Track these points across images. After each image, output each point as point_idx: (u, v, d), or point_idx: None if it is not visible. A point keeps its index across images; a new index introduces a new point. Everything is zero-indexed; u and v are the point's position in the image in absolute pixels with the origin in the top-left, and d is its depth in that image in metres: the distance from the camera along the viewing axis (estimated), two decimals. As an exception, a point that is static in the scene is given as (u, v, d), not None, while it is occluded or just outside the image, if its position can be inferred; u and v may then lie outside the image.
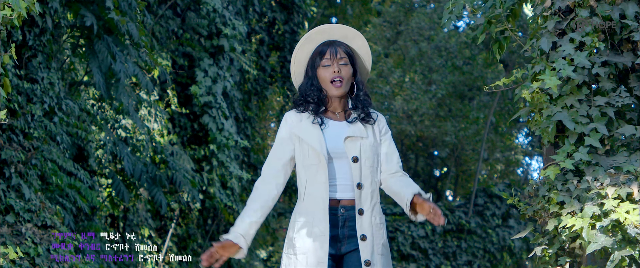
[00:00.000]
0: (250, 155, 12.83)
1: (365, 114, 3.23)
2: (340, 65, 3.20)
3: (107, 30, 7.57)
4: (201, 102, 10.26)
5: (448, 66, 16.45)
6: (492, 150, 18.19)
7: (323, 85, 3.22)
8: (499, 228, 15.08)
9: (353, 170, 3.14)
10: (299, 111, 3.24)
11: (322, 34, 3.27)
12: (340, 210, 3.14)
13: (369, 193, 3.15)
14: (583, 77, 3.86)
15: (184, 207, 10.51)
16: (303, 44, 3.27)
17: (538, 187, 4.06)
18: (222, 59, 10.69)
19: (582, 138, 3.89)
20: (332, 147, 3.15)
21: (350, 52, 3.25)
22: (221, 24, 10.53)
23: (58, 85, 7.15)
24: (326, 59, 3.21)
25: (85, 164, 8.24)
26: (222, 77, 10.56)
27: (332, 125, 3.21)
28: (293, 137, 3.20)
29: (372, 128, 3.23)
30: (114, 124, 8.97)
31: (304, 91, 3.24)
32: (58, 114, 7.12)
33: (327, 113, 3.26)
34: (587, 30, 3.89)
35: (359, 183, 3.14)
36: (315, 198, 3.12)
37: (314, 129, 3.18)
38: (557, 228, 3.85)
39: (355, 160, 3.14)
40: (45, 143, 6.91)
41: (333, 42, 3.25)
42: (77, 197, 7.16)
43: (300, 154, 3.18)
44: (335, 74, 3.18)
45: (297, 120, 3.22)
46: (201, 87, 10.27)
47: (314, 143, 3.14)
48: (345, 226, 3.14)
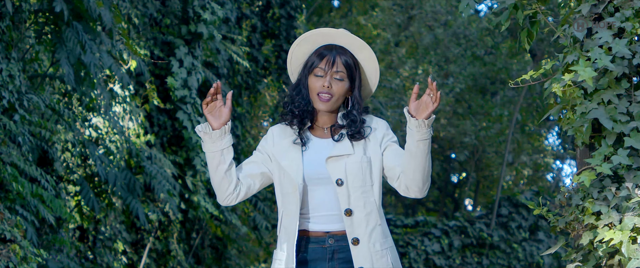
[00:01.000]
0: (241, 159, 12.84)
1: (355, 131, 3.16)
2: (334, 80, 3.15)
3: (76, 15, 7.56)
4: (177, 97, 10.24)
5: (467, 56, 16.45)
6: (518, 152, 18.20)
7: (311, 95, 3.18)
8: (525, 243, 15.09)
9: (339, 195, 3.10)
10: (285, 124, 3.22)
11: (323, 37, 3.22)
12: (327, 241, 3.12)
13: (362, 219, 3.10)
14: (622, 69, 3.85)
15: (164, 218, 10.51)
16: (300, 43, 3.23)
17: (570, 195, 4.04)
18: (197, 47, 10.65)
19: (621, 138, 3.88)
20: (313, 172, 3.12)
21: (351, 64, 3.19)
22: (199, 7, 10.48)
23: (19, 78, 7.14)
24: (320, 67, 3.16)
25: (50, 169, 8.24)
26: (195, 68, 10.52)
27: (315, 145, 3.18)
28: (272, 157, 3.20)
29: (364, 142, 3.18)
30: (83, 122, 8.96)
31: (291, 99, 3.21)
32: (19, 111, 7.10)
33: (314, 128, 3.23)
34: (627, 14, 3.88)
35: (347, 210, 3.10)
36: (287, 232, 3.13)
37: (293, 152, 3.15)
38: (592, 242, 3.84)
39: (339, 183, 3.10)
40: (4, 144, 6.90)
41: (334, 49, 3.20)
42: (41, 207, 7.15)
43: (278, 181, 3.18)
44: (325, 89, 3.14)
45: (279, 138, 3.20)
46: (177, 78, 10.24)
47: (290, 169, 3.12)
48: (335, 259, 3.12)
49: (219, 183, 3.14)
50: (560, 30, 4.18)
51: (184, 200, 10.74)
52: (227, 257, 12.50)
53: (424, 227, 15.14)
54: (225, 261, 12.46)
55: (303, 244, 3.13)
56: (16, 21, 7.29)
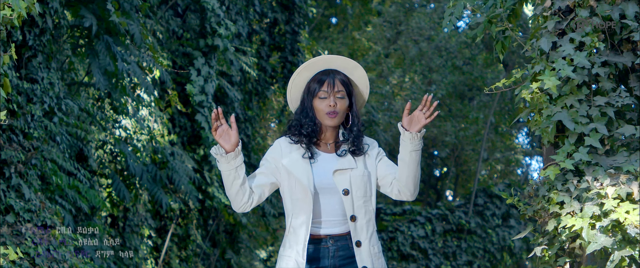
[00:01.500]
0: (251, 156, 12.82)
1: (356, 147, 3.21)
2: (337, 99, 3.18)
3: (107, 30, 7.56)
4: (196, 101, 10.25)
5: (448, 66, 16.44)
6: (492, 150, 18.19)
7: (318, 116, 3.20)
8: (499, 228, 15.07)
9: (345, 203, 3.13)
10: (292, 141, 3.22)
11: (322, 62, 3.24)
12: (328, 241, 3.14)
13: (364, 224, 3.15)
14: (583, 77, 3.85)
15: (184, 207, 10.50)
16: (300, 71, 3.25)
17: (538, 187, 4.04)
18: (213, 58, 10.66)
19: (582, 138, 3.88)
20: (321, 182, 3.14)
21: (347, 82, 3.23)
22: (215, 23, 10.50)
23: (58, 85, 7.14)
24: (323, 90, 3.18)
25: (85, 164, 8.23)
26: (211, 77, 10.53)
27: (322, 159, 3.20)
28: (280, 168, 3.18)
29: (363, 158, 3.22)
30: (114, 124, 8.97)
31: (299, 121, 3.22)
32: (58, 114, 7.11)
33: (319, 143, 3.25)
34: (587, 30, 3.88)
35: (352, 216, 3.14)
36: (297, 233, 3.13)
37: (303, 163, 3.16)
38: (557, 228, 3.84)
39: (346, 193, 3.13)
40: (45, 143, 6.90)
41: (331, 72, 3.22)
42: (77, 197, 7.15)
43: (288, 187, 3.17)
44: (332, 107, 3.17)
45: (287, 151, 3.20)
46: (195, 85, 10.26)
47: (302, 177, 3.12)
48: (336, 256, 3.15)
49: (234, 196, 3.13)
50: (529, 44, 4.18)
51: (202, 192, 10.73)
52: (239, 241, 12.50)
53: (411, 215, 15.13)
54: (238, 244, 12.45)
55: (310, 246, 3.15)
56: (55, 36, 7.29)
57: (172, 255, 10.28)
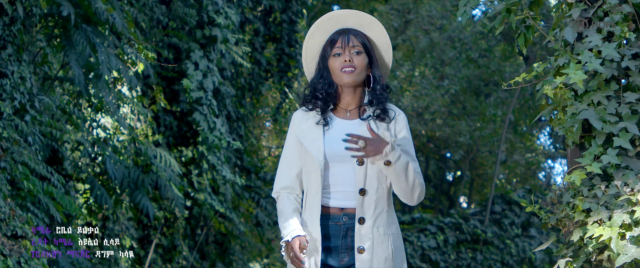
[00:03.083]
0: (244, 158, 12.81)
1: (381, 110, 3.18)
2: (353, 54, 3.17)
3: (85, 19, 7.55)
4: (193, 98, 10.25)
5: (462, 59, 16.44)
6: (511, 152, 18.19)
7: (333, 76, 3.19)
8: (518, 239, 15.08)
9: (357, 174, 3.12)
10: (307, 109, 3.23)
11: (334, 21, 3.24)
12: (342, 218, 3.14)
13: (373, 201, 3.12)
14: (612, 71, 3.84)
15: (170, 215, 10.50)
16: (313, 32, 3.25)
17: (562, 193, 4.03)
18: (213, 50, 10.67)
19: (610, 138, 3.87)
20: (334, 150, 3.13)
21: (366, 42, 3.21)
22: (213, 12, 10.51)
23: (30, 80, 7.13)
24: (337, 47, 3.18)
25: (60, 167, 8.23)
26: (211, 71, 10.55)
27: (339, 125, 3.19)
28: (298, 140, 3.21)
29: (387, 127, 3.19)
30: (92, 123, 8.96)
31: (313, 85, 3.22)
32: (30, 112, 7.10)
33: (338, 110, 3.24)
34: (616, 18, 3.87)
35: (361, 189, 3.11)
36: (311, 209, 3.14)
37: (315, 131, 3.17)
38: (582, 238, 3.83)
39: (361, 163, 3.11)
40: (16, 144, 6.89)
41: (346, 30, 3.21)
42: (51, 204, 7.14)
43: (303, 159, 3.19)
44: (347, 63, 3.15)
45: (301, 121, 3.22)
46: (193, 80, 10.26)
47: (311, 147, 3.13)
48: (348, 236, 3.13)
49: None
50: (552, 34, 4.18)
51: (189, 198, 10.73)
52: (231, 253, 12.50)
53: (420, 224, 15.13)
54: (229, 256, 12.45)
55: (322, 221, 3.15)
56: (27, 25, 7.28)
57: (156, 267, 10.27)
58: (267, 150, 16.69)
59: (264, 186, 12.89)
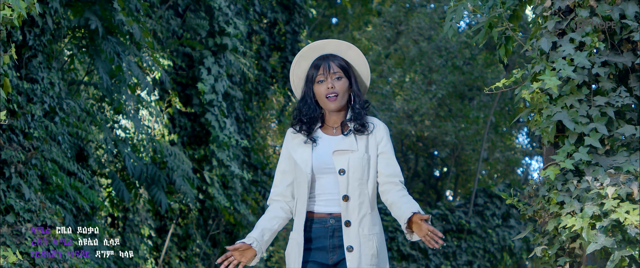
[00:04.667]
0: (251, 156, 12.82)
1: (360, 124, 3.25)
2: (334, 80, 3.24)
3: (107, 30, 7.57)
4: (206, 100, 10.30)
5: (448, 66, 16.44)
6: (492, 150, 18.19)
7: (319, 101, 3.28)
8: (499, 229, 15.07)
9: (340, 182, 3.18)
10: (295, 130, 3.32)
11: (315, 50, 3.32)
12: (329, 221, 3.21)
13: (356, 205, 3.18)
14: (583, 77, 3.85)
15: (184, 207, 10.50)
16: (298, 61, 3.33)
17: (538, 187, 4.05)
18: (223, 57, 10.70)
19: (582, 138, 3.88)
20: (320, 163, 3.22)
21: (345, 65, 3.29)
22: (224, 22, 10.55)
23: (58, 85, 7.14)
24: (320, 74, 3.25)
25: (86, 164, 8.24)
26: (222, 77, 10.59)
27: (325, 141, 3.27)
28: (290, 154, 3.30)
29: (367, 139, 3.25)
30: (114, 124, 8.97)
31: (299, 109, 3.31)
32: (59, 114, 7.11)
33: (325, 127, 3.33)
34: (587, 30, 3.88)
35: (345, 196, 3.18)
36: (299, 214, 3.24)
37: (304, 148, 3.26)
38: (557, 228, 3.84)
39: (341, 172, 3.18)
40: (46, 143, 6.90)
41: (327, 57, 3.29)
42: (77, 197, 7.15)
43: (294, 171, 3.28)
44: (330, 90, 3.23)
45: (293, 138, 3.31)
46: (206, 84, 10.31)
47: (300, 161, 3.23)
48: (335, 236, 3.20)
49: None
50: (529, 44, 4.19)
51: (202, 192, 10.74)
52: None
53: (411, 215, 15.08)
54: (238, 244, 12.43)
55: (309, 224, 3.23)
56: (56, 36, 7.30)
57: (172, 255, 10.28)
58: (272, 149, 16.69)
59: (269, 181, 12.89)
